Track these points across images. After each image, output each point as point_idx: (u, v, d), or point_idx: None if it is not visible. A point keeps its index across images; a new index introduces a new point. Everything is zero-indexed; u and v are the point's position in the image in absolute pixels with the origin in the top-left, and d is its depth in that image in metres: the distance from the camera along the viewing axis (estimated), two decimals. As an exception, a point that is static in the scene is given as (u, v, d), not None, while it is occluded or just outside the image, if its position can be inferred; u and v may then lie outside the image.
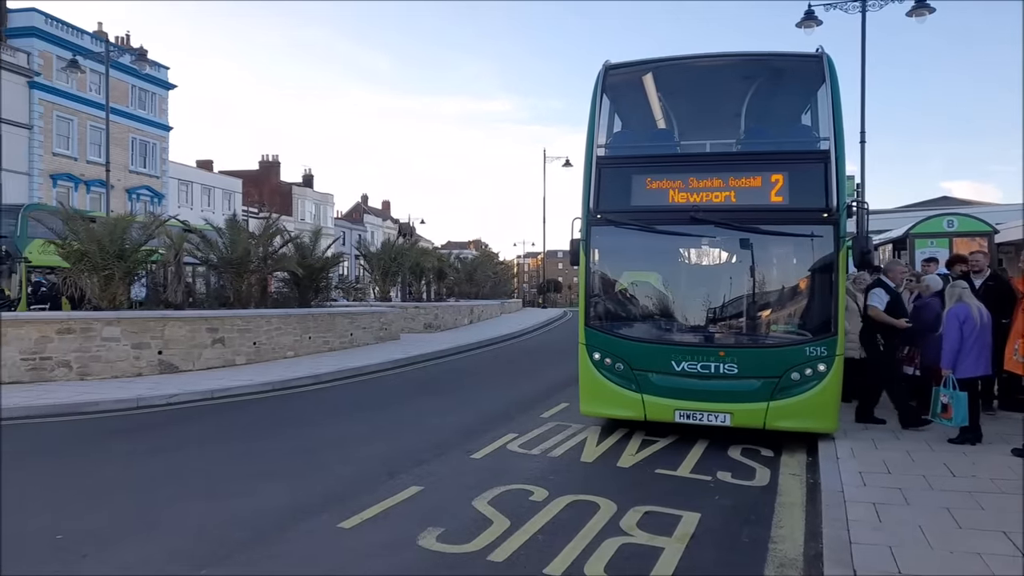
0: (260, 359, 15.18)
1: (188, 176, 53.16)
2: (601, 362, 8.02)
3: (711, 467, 6.90)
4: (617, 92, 8.73)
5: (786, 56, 8.60)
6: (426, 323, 26.35)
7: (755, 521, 5.50)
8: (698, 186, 7.80)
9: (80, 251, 13.51)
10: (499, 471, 6.78)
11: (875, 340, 8.37)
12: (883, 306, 8.09)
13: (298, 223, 55.74)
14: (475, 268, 39.78)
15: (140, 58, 29.68)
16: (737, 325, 8.04)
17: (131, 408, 10.19)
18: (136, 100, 46.03)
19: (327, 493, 6.08)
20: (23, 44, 39.03)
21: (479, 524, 5.28)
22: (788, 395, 7.38)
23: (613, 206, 8.06)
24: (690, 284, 8.62)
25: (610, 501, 5.78)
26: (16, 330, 11.87)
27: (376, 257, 27.80)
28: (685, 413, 7.60)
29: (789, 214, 7.60)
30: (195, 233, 17.32)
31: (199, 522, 5.40)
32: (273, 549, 4.87)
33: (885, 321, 8.10)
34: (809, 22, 16.22)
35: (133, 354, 12.81)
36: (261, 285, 17.31)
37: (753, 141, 8.51)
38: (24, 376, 11.72)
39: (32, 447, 8.13)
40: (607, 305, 8.49)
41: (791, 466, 7.06)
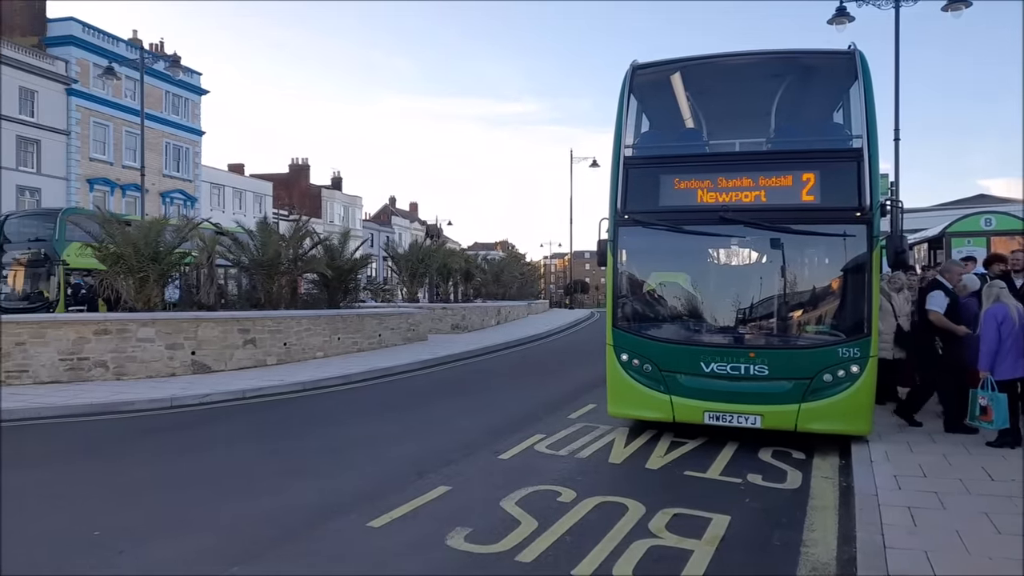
0: (290, 359, 15.37)
1: (220, 180, 54.06)
2: (629, 363, 7.98)
3: (741, 469, 6.82)
4: (644, 92, 8.67)
5: (817, 53, 8.47)
6: (453, 324, 26.45)
7: (786, 524, 5.43)
8: (727, 186, 7.72)
9: (116, 254, 13.81)
10: (527, 472, 6.78)
11: (932, 343, 8.11)
12: (943, 310, 7.86)
13: (327, 225, 56.29)
14: (502, 269, 39.83)
15: (174, 64, 30.31)
16: (767, 326, 7.93)
17: (165, 408, 10.38)
18: (170, 105, 46.93)
19: (356, 492, 6.13)
20: (61, 52, 40.04)
21: (507, 524, 5.28)
22: (820, 397, 7.26)
23: (641, 206, 8.01)
24: (719, 285, 8.53)
25: (638, 503, 5.74)
26: (55, 331, 12.17)
27: (404, 259, 27.97)
28: (714, 415, 7.53)
29: (821, 213, 7.48)
30: (227, 235, 17.59)
31: (230, 520, 5.48)
32: (303, 548, 4.93)
33: (947, 327, 7.85)
34: (841, 18, 15.95)
35: (167, 354, 13.05)
36: (291, 286, 17.52)
37: (784, 140, 8.39)
38: (62, 376, 12.00)
39: (70, 445, 8.33)
40: (635, 306, 8.44)
41: (823, 469, 6.95)
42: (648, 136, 9.05)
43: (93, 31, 41.87)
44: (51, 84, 38.84)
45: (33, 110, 37.83)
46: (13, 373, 11.75)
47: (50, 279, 22.74)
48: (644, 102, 8.83)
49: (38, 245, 22.93)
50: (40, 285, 23.10)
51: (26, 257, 23.14)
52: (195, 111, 49.58)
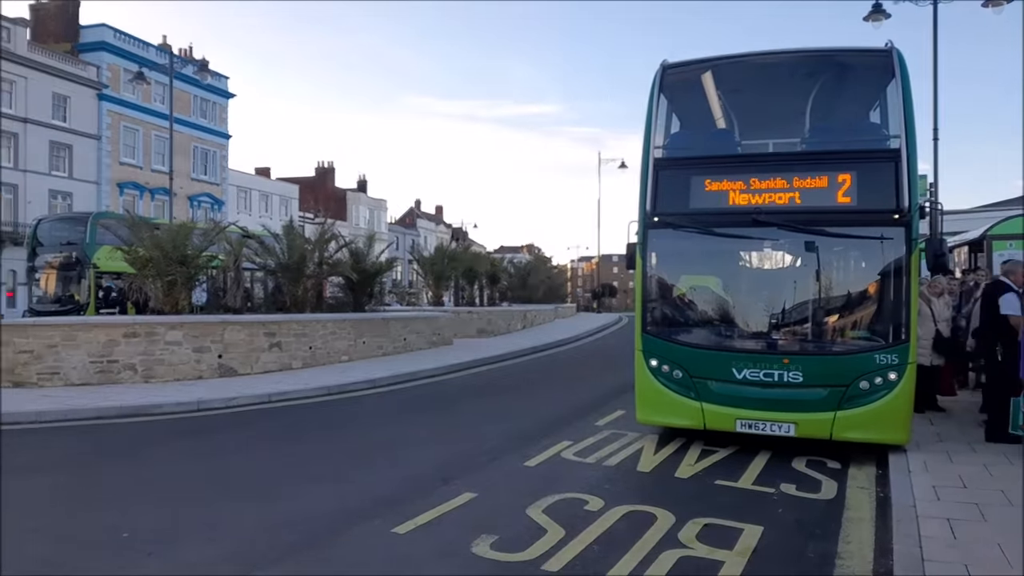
0: (316, 363, 15.42)
1: (247, 183, 54.75)
2: (659, 369, 7.84)
3: (774, 479, 6.64)
4: (675, 92, 8.53)
5: (853, 51, 8.28)
6: (479, 328, 26.42)
7: (821, 536, 5.26)
8: (760, 187, 7.55)
9: (145, 257, 13.98)
10: (553, 479, 6.67)
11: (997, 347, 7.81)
12: (1020, 312, 7.56)
13: (353, 228, 56.67)
14: (528, 273, 39.82)
15: (202, 69, 30.68)
16: (802, 331, 7.74)
17: (192, 411, 10.44)
18: (198, 110, 47.65)
19: (381, 497, 6.07)
20: (93, 58, 40.85)
21: (533, 532, 5.18)
22: (857, 405, 7.06)
23: (671, 208, 7.87)
24: (752, 289, 8.36)
25: (668, 512, 5.60)
26: (85, 334, 12.33)
27: (429, 262, 28.04)
28: (747, 423, 7.35)
29: (857, 215, 7.29)
30: (254, 239, 17.74)
31: (255, 524, 5.45)
32: (326, 553, 4.87)
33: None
34: (877, 16, 15.66)
35: (194, 358, 13.15)
36: (317, 290, 17.61)
37: (819, 140, 8.21)
38: (92, 378, 12.15)
39: (100, 447, 8.40)
40: (665, 310, 8.30)
41: (859, 479, 6.75)
42: (678, 137, 8.91)
43: (124, 37, 42.66)
44: (83, 89, 39.63)
45: (66, 115, 38.62)
46: (45, 375, 11.93)
47: (81, 282, 23.15)
48: (674, 102, 8.69)
49: (69, 248, 23.37)
50: (71, 288, 23.52)
51: (58, 260, 23.59)
52: (222, 115, 50.28)
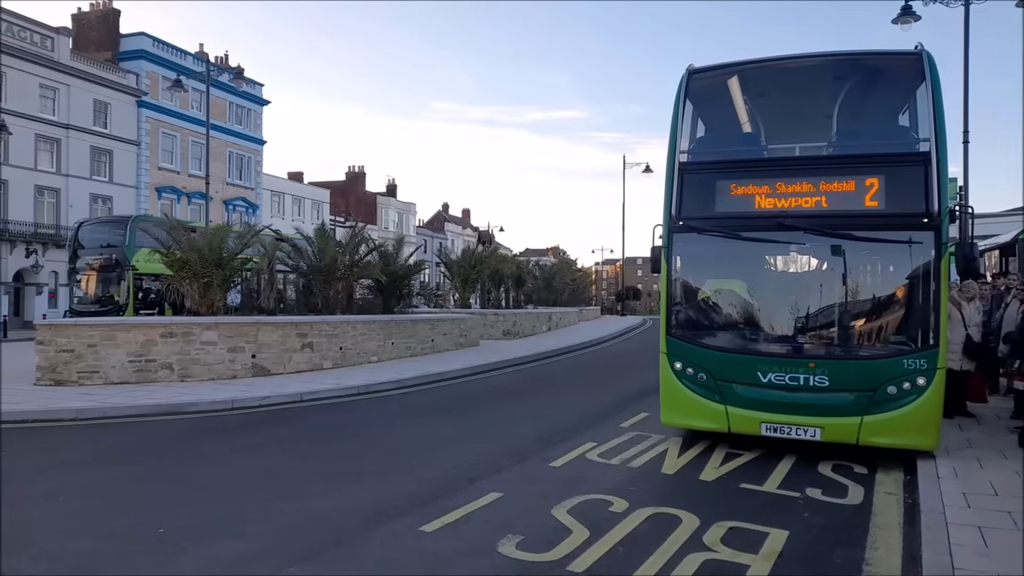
0: (346, 363, 15.65)
1: (280, 187, 55.56)
2: (683, 372, 7.86)
3: (800, 483, 6.63)
4: (701, 96, 8.54)
5: (882, 55, 8.21)
6: (505, 330, 26.51)
7: (847, 541, 5.25)
8: (787, 191, 7.54)
9: (182, 259, 14.32)
10: (578, 480, 6.73)
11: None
12: None
13: (382, 231, 57.24)
14: (553, 275, 39.76)
15: (237, 76, 31.35)
16: (828, 335, 7.70)
17: (226, 409, 10.70)
18: (233, 116, 48.53)
19: (409, 496, 6.19)
20: (132, 66, 41.86)
21: (558, 533, 5.25)
22: (884, 409, 7.00)
23: (696, 212, 7.89)
24: (778, 293, 8.33)
25: (692, 515, 5.64)
26: (124, 334, 12.68)
27: (456, 265, 28.21)
28: (772, 426, 7.34)
29: (886, 219, 7.24)
30: (286, 242, 18.04)
31: (287, 521, 5.59)
32: (357, 550, 5.00)
33: None
34: (906, 18, 15.42)
35: (228, 357, 13.45)
36: (347, 292, 17.85)
37: (847, 143, 8.16)
38: (131, 377, 12.49)
39: (137, 444, 8.65)
40: (689, 314, 8.31)
41: (887, 484, 6.70)
42: (704, 141, 8.92)
43: (162, 45, 43.65)
44: (123, 97, 40.62)
45: (106, 122, 39.62)
46: (85, 373, 12.29)
47: (120, 283, 23.76)
48: (700, 106, 8.70)
49: (110, 251, 24.00)
50: (111, 289, 24.16)
51: (98, 262, 24.23)
52: (257, 121, 51.14)
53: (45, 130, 36.32)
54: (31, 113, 35.45)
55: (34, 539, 5.16)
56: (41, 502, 6.06)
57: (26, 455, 7.74)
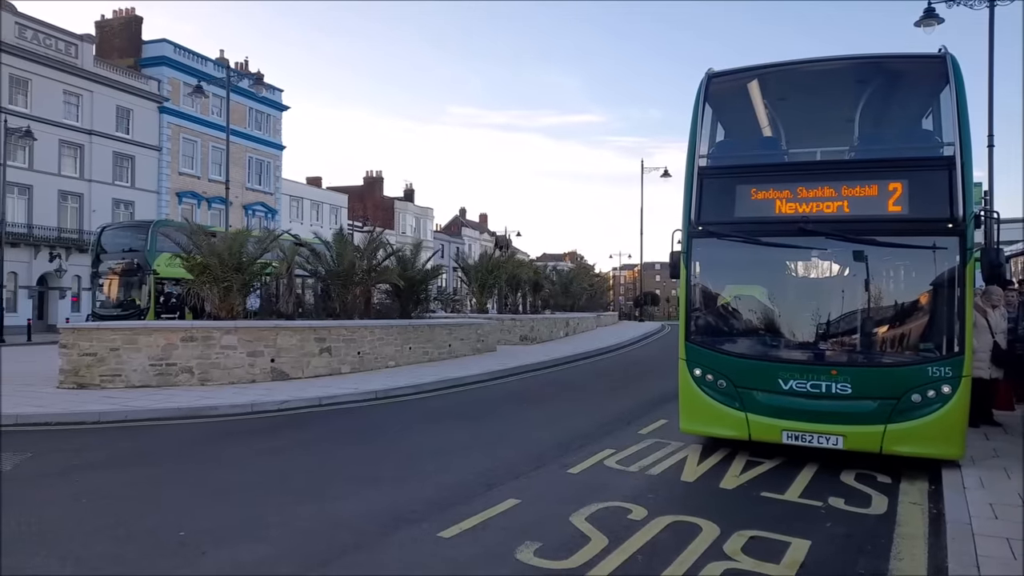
0: (363, 368, 15.71)
1: (299, 192, 56.03)
2: (702, 379, 7.79)
3: (822, 492, 6.54)
4: (720, 100, 8.50)
5: (905, 58, 8.12)
6: (522, 335, 26.51)
7: (871, 552, 5.16)
8: (808, 196, 7.47)
9: (202, 264, 14.45)
10: (596, 487, 6.70)
11: None
12: None
13: (399, 236, 57.49)
14: (571, 280, 39.73)
15: (257, 82, 31.66)
16: (851, 342, 7.61)
17: (246, 413, 10.77)
18: (253, 121, 49.04)
19: (427, 501, 6.19)
20: (154, 72, 42.44)
21: (577, 540, 5.22)
22: (908, 418, 6.90)
23: (716, 217, 7.84)
24: (799, 299, 8.25)
25: (713, 524, 5.58)
26: (146, 338, 12.81)
27: (473, 269, 28.25)
28: (793, 434, 7.25)
29: (909, 225, 7.14)
30: (305, 247, 18.18)
31: (306, 525, 5.61)
32: (375, 555, 5.00)
33: None
34: (929, 20, 15.25)
35: (248, 361, 13.54)
36: (365, 296, 17.93)
37: (869, 148, 8.08)
38: (152, 380, 12.62)
39: (158, 447, 8.73)
40: (709, 320, 8.25)
41: (911, 494, 6.59)
42: (724, 145, 8.87)
43: (184, 51, 44.22)
44: (145, 103, 41.20)
45: (128, 127, 40.20)
46: (107, 376, 12.44)
47: (142, 288, 24.05)
48: (719, 111, 8.66)
49: (131, 255, 24.31)
50: (133, 293, 24.47)
51: (120, 266, 24.57)
52: (276, 127, 51.63)
53: (69, 136, 36.91)
54: (55, 119, 36.06)
55: (61, 540, 5.22)
56: (67, 504, 6.14)
57: (50, 457, 7.84)
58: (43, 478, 6.97)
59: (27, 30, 35.40)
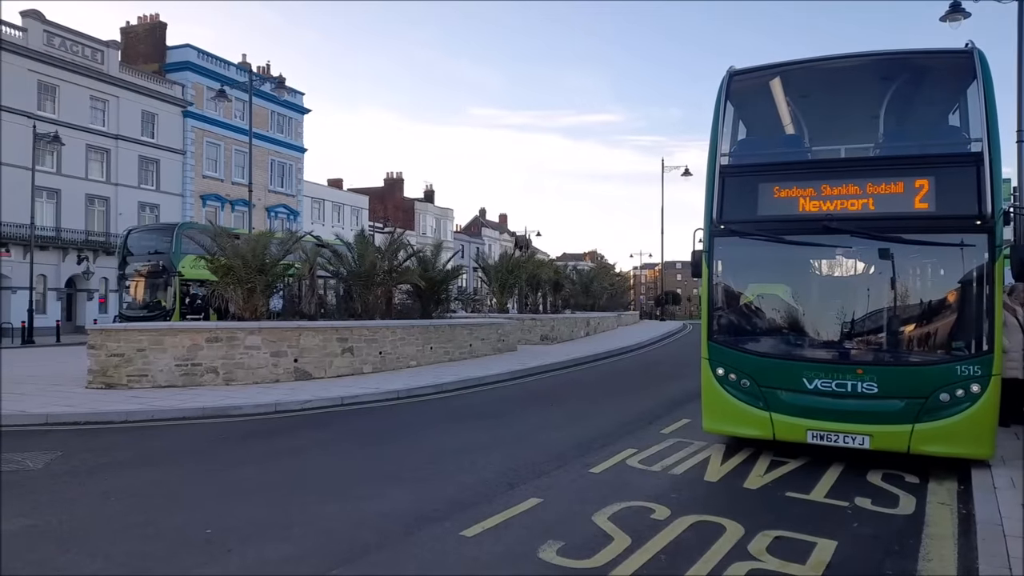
0: (385, 368, 15.80)
1: (320, 194, 56.48)
2: (725, 378, 7.74)
3: (848, 492, 6.47)
4: (742, 98, 8.44)
5: (931, 53, 8.01)
6: (542, 335, 26.48)
7: (899, 553, 5.10)
8: (832, 193, 7.39)
9: (227, 266, 14.63)
10: (619, 487, 6.68)
11: None
12: None
13: (420, 237, 57.74)
14: (591, 280, 39.59)
15: (279, 86, 31.91)
16: (876, 341, 7.51)
17: (270, 412, 10.88)
18: (275, 125, 49.51)
19: (449, 500, 6.21)
20: (178, 77, 43.02)
21: (599, 540, 5.21)
22: (936, 417, 6.80)
23: (738, 216, 7.79)
24: (823, 297, 8.16)
25: (737, 523, 5.54)
26: (172, 338, 12.99)
27: (494, 270, 28.29)
28: (818, 434, 7.18)
29: (936, 222, 7.04)
30: (327, 248, 18.33)
31: (330, 523, 5.65)
32: (398, 553, 5.03)
33: None
34: (955, 15, 14.96)
35: (272, 362, 13.68)
36: (386, 297, 18.05)
37: (894, 144, 7.99)
38: (178, 380, 12.79)
39: (183, 446, 8.85)
40: (732, 319, 8.19)
41: (939, 495, 6.49)
42: (745, 143, 8.81)
43: (207, 56, 44.78)
44: (169, 107, 41.77)
45: (153, 132, 40.79)
46: (134, 377, 12.63)
47: (167, 289, 24.41)
48: (741, 109, 8.59)
49: (157, 257, 24.69)
50: (158, 295, 24.84)
51: (146, 268, 24.95)
52: (298, 130, 52.09)
53: (95, 140, 37.54)
54: (82, 124, 36.68)
55: (90, 537, 5.32)
56: (96, 501, 6.25)
57: (79, 456, 7.97)
58: (73, 476, 7.10)
59: (55, 37, 36.05)
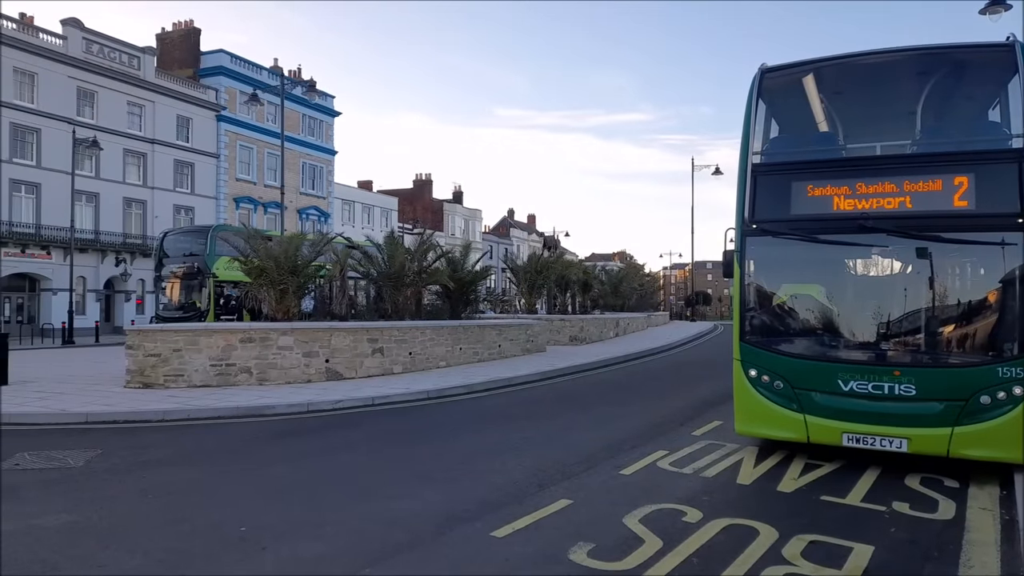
0: (415, 368, 15.89)
1: (350, 196, 57.04)
2: (758, 379, 7.64)
3: (885, 496, 6.34)
4: (774, 96, 8.32)
5: (970, 47, 7.82)
6: (571, 335, 26.42)
7: (939, 559, 4.99)
8: (867, 192, 7.25)
9: (260, 267, 14.84)
10: (649, 489, 6.63)
11: None
12: None
13: (449, 238, 57.98)
14: (620, 280, 39.42)
15: (310, 89, 32.35)
16: (914, 342, 7.36)
17: (302, 412, 11.01)
18: (306, 128, 50.14)
19: (480, 500, 6.22)
20: (212, 82, 43.79)
21: (630, 542, 5.18)
22: (977, 420, 6.63)
23: (770, 215, 7.68)
24: (859, 298, 8.01)
25: (770, 527, 5.46)
26: (207, 339, 13.21)
27: (522, 270, 28.30)
28: (854, 437, 7.04)
29: (975, 220, 6.88)
30: (357, 249, 18.50)
31: (361, 522, 5.71)
32: (430, 553, 5.05)
33: None
34: (996, 8, 14.59)
35: (304, 362, 13.85)
36: (416, 298, 18.15)
37: (932, 141, 7.81)
38: (212, 380, 13.01)
39: (218, 445, 9.01)
40: (764, 319, 8.08)
41: (980, 499, 6.33)
42: (778, 142, 8.68)
43: (240, 61, 45.52)
44: (204, 112, 42.54)
45: (188, 136, 41.58)
46: (171, 376, 12.88)
47: (202, 290, 24.85)
48: (773, 106, 8.47)
49: (192, 259, 25.15)
50: (193, 296, 25.31)
51: (182, 270, 25.43)
52: (328, 132, 52.67)
53: (132, 145, 38.39)
54: (120, 129, 37.53)
55: (129, 533, 5.44)
56: (134, 499, 6.38)
57: (119, 454, 8.15)
58: (112, 474, 7.26)
59: (93, 44, 36.94)
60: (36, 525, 5.54)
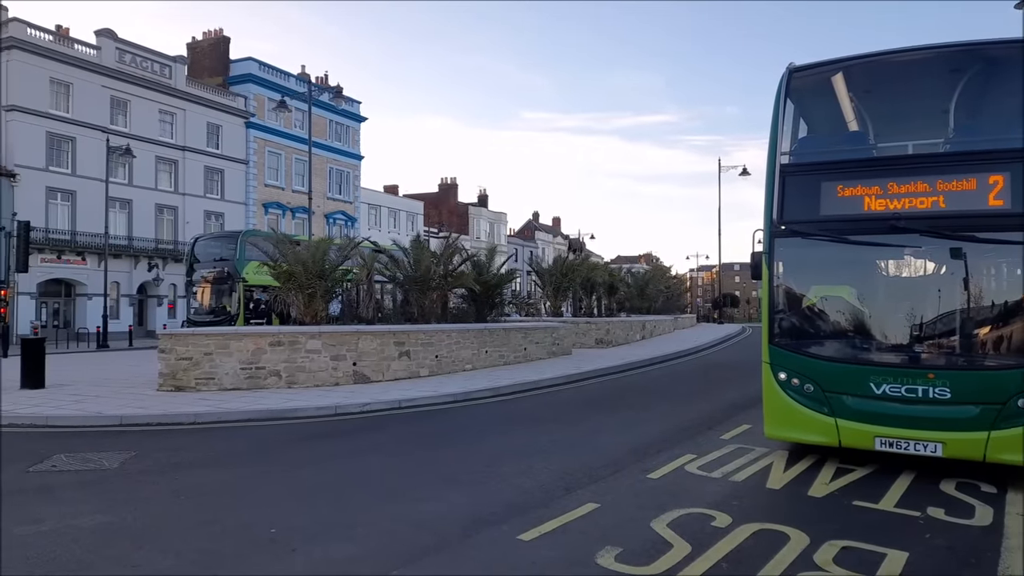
0: (441, 371, 15.95)
1: (376, 200, 57.48)
2: (788, 382, 7.54)
3: (919, 502, 6.22)
4: (802, 95, 8.23)
5: (1005, 43, 7.64)
6: (597, 338, 26.31)
7: (976, 565, 4.88)
8: (899, 191, 7.12)
9: (288, 271, 15.02)
10: (677, 493, 6.58)
11: None
12: None
13: (474, 241, 58.12)
14: (646, 282, 39.19)
15: (337, 95, 32.70)
16: (948, 344, 7.21)
17: (330, 415, 11.11)
18: (333, 133, 50.65)
19: (506, 503, 6.22)
20: (241, 89, 44.45)
21: (658, 547, 5.14)
22: (1015, 424, 6.46)
23: (800, 216, 7.58)
24: (891, 299, 7.87)
25: (801, 532, 5.39)
26: (237, 343, 13.40)
27: (548, 273, 28.27)
28: (887, 441, 6.92)
29: (1012, 220, 6.71)
30: (384, 253, 18.62)
31: (389, 524, 5.74)
32: (457, 555, 5.06)
33: None
34: (1032, 2, 14.27)
35: (331, 365, 13.98)
36: (442, 301, 18.22)
37: (966, 139, 7.65)
38: (242, 383, 13.18)
39: (248, 448, 9.12)
40: (794, 322, 7.97)
41: (1019, 505, 6.18)
42: (806, 141, 8.57)
43: (268, 68, 46.14)
44: (233, 119, 43.19)
45: (218, 143, 42.24)
46: (202, 379, 13.08)
47: (232, 295, 25.20)
48: (802, 106, 8.37)
49: (222, 264, 25.52)
50: (223, 300, 25.68)
51: (212, 275, 25.82)
52: (355, 138, 53.16)
53: (164, 152, 39.11)
54: (152, 137, 38.27)
55: (162, 534, 5.53)
56: (167, 500, 6.49)
57: (152, 456, 8.30)
58: (146, 475, 7.40)
59: (126, 54, 37.72)
60: (73, 525, 5.66)
